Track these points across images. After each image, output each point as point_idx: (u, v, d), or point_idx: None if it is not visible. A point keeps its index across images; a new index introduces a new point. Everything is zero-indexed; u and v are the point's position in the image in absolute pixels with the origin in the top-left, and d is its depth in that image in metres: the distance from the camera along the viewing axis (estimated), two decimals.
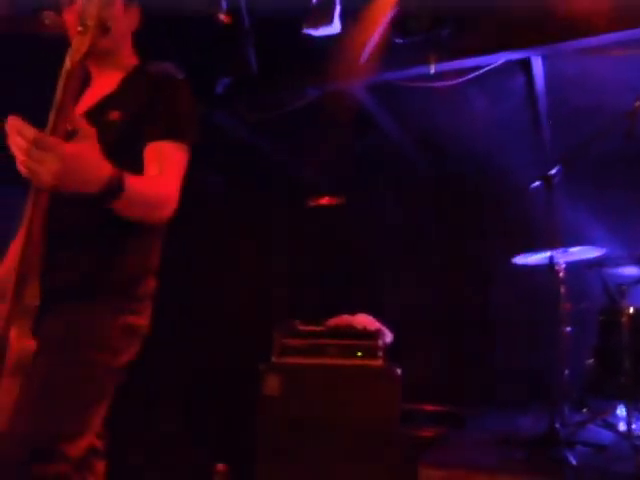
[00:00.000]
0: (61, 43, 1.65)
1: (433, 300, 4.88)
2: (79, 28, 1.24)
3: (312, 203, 4.99)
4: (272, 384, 3.69)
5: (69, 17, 1.71)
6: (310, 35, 3.56)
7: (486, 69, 3.46)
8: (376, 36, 3.42)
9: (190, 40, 3.55)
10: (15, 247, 1.84)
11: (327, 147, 4.80)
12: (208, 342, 4.59)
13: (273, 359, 3.81)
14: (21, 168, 1.27)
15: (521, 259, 3.58)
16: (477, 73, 3.50)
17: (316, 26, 3.54)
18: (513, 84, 3.78)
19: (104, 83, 1.74)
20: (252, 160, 4.89)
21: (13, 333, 1.52)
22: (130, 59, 1.83)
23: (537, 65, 3.52)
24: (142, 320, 1.68)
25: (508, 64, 3.44)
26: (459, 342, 4.75)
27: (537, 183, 3.19)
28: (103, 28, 1.28)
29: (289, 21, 3.59)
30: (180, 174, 1.63)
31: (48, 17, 1.67)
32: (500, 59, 3.40)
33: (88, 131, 1.31)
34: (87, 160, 1.30)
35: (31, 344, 1.51)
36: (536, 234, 3.42)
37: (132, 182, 1.41)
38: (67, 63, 1.28)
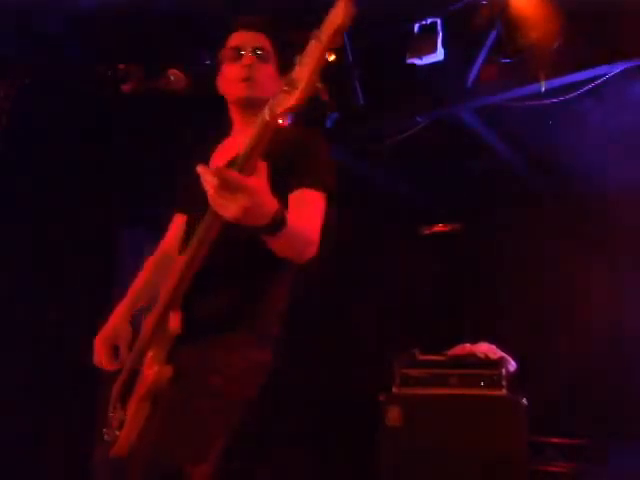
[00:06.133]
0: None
1: (557, 327, 4.62)
2: (285, 87, 1.29)
3: (426, 231, 4.94)
4: (394, 415, 3.64)
5: (233, 69, 1.86)
6: (414, 64, 3.59)
7: (601, 80, 3.30)
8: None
9: None
10: (146, 273, 1.98)
11: (439, 173, 4.76)
12: (324, 375, 4.62)
13: (394, 390, 3.76)
14: (212, 202, 1.34)
15: None
16: (592, 85, 3.35)
17: (420, 55, 3.56)
18: (633, 93, 3.56)
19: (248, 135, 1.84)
20: (364, 191, 4.94)
21: (149, 356, 1.63)
22: None
23: None
24: (268, 356, 1.76)
25: (626, 72, 3.26)
26: (591, 370, 4.44)
27: None
28: (312, 92, 1.30)
29: (393, 52, 3.65)
30: (320, 221, 1.69)
31: (173, 74, 1.79)
32: (617, 68, 3.23)
33: (261, 167, 1.38)
34: (265, 195, 1.37)
35: (167, 371, 1.62)
36: None
37: (290, 219, 1.45)
38: (265, 115, 1.33)
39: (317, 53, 1.26)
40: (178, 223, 2.00)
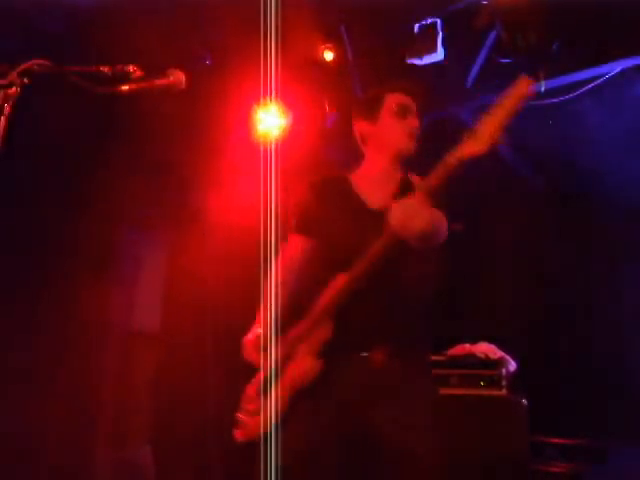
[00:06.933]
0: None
1: (559, 330, 4.61)
2: (467, 138, 1.66)
3: None
4: None
5: (402, 126, 2.11)
6: (414, 64, 3.60)
7: (601, 80, 3.30)
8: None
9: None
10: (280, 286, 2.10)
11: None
12: None
13: None
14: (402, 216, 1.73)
15: None
16: (592, 85, 3.35)
17: (420, 55, 3.57)
18: (633, 93, 3.56)
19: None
20: None
21: (301, 350, 1.85)
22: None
23: None
24: None
25: (626, 72, 3.26)
26: (591, 370, 4.44)
27: None
28: (493, 147, 1.60)
29: (393, 52, 3.65)
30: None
31: (173, 74, 1.79)
32: (616, 68, 3.23)
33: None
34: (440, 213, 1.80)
35: (317, 365, 1.82)
36: None
37: None
38: (451, 158, 1.67)
39: (500, 116, 1.59)
40: (298, 246, 2.12)
